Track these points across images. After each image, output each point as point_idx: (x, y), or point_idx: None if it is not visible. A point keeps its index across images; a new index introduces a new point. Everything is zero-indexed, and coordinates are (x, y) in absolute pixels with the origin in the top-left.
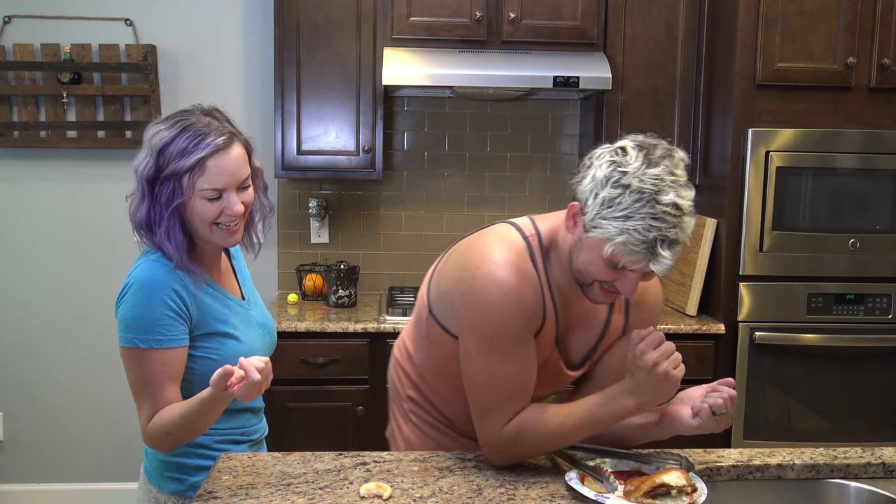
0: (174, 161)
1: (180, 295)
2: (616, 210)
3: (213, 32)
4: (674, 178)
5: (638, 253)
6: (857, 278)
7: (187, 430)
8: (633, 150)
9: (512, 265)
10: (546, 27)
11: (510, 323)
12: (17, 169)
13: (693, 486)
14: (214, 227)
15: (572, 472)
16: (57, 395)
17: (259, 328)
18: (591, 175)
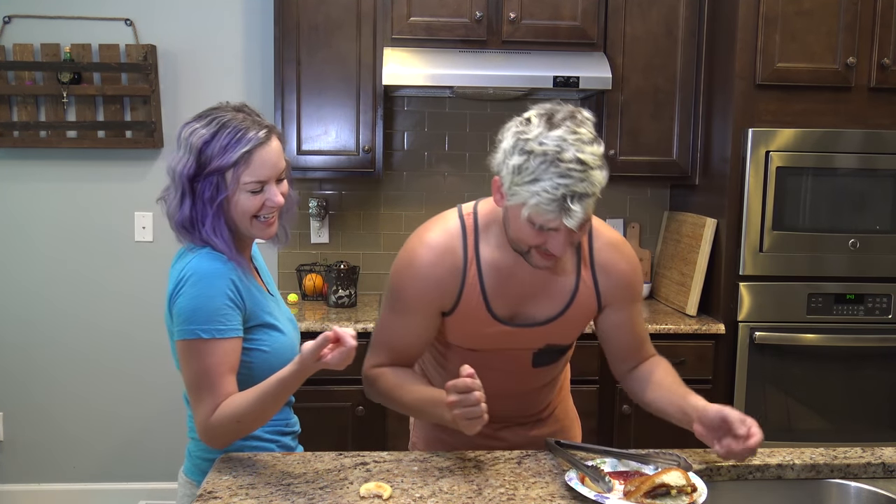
0: (217, 157)
1: (236, 285)
2: (525, 176)
3: (213, 32)
4: (576, 136)
5: (551, 211)
6: (857, 278)
7: (260, 415)
8: (535, 118)
9: (434, 247)
10: (546, 27)
11: (404, 290)
12: (17, 169)
13: (693, 486)
14: (254, 220)
15: (572, 473)
16: (57, 395)
17: (290, 322)
18: (502, 148)
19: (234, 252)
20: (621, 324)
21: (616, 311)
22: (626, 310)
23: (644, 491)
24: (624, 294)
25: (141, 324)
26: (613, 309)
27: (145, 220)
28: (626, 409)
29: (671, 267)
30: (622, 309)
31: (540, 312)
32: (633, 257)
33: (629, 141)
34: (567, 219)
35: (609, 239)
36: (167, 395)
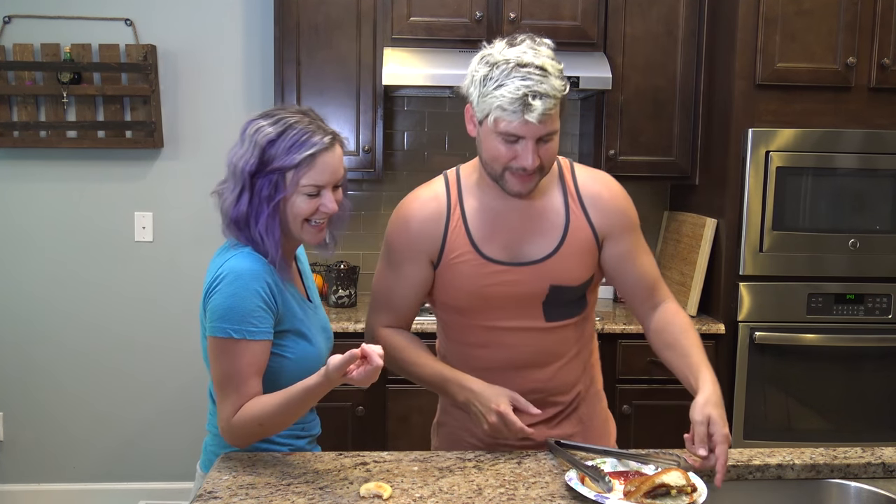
0: (281, 157)
1: (271, 288)
2: (490, 84)
3: (213, 32)
4: (535, 51)
5: (515, 112)
6: (857, 278)
7: (282, 420)
8: (497, 42)
9: (418, 198)
10: (546, 27)
11: (393, 243)
12: (17, 169)
13: (693, 486)
14: (305, 225)
15: (572, 472)
16: (57, 395)
17: (322, 332)
18: (469, 72)
19: (279, 254)
20: (624, 255)
21: (615, 242)
22: (624, 239)
23: (644, 491)
24: (618, 222)
25: (141, 324)
26: (612, 241)
27: (145, 220)
28: (627, 409)
29: (671, 267)
30: (620, 239)
31: (536, 250)
32: (619, 186)
33: (629, 141)
34: (528, 114)
35: (592, 172)
36: (167, 395)
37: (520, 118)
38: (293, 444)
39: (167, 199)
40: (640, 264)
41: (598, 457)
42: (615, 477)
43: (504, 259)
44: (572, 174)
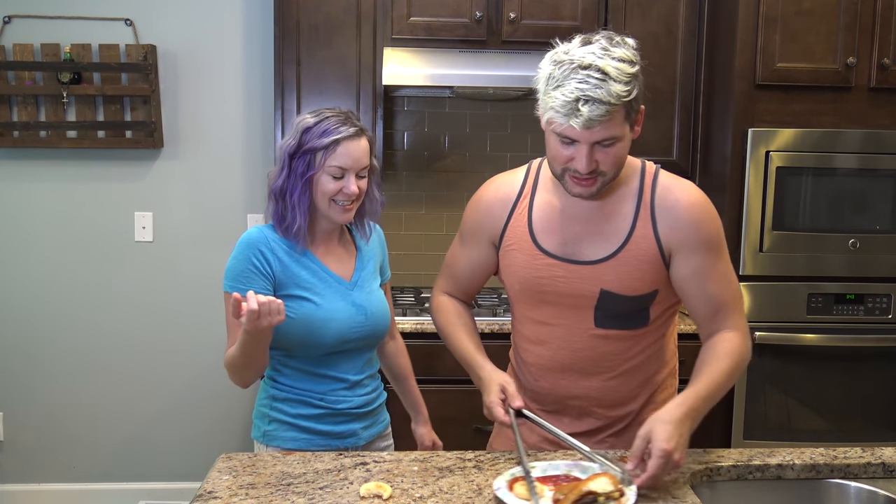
0: (314, 139)
1: (265, 255)
2: (552, 84)
3: (213, 32)
4: (605, 51)
5: (565, 115)
6: (857, 278)
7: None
8: (576, 38)
9: (495, 181)
10: (546, 27)
11: (465, 219)
12: (17, 169)
13: (621, 491)
14: (332, 203)
15: (500, 480)
16: (57, 395)
17: (354, 307)
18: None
19: (306, 224)
20: (690, 275)
21: (684, 259)
22: (694, 258)
23: (572, 500)
24: (689, 238)
25: (141, 324)
26: (681, 257)
27: (145, 220)
28: None
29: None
30: (690, 256)
31: (592, 252)
32: (701, 199)
33: None
34: (574, 119)
35: (675, 182)
36: (167, 395)
37: (567, 123)
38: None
39: (167, 199)
40: (707, 286)
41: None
42: (546, 482)
43: (558, 254)
44: (653, 182)
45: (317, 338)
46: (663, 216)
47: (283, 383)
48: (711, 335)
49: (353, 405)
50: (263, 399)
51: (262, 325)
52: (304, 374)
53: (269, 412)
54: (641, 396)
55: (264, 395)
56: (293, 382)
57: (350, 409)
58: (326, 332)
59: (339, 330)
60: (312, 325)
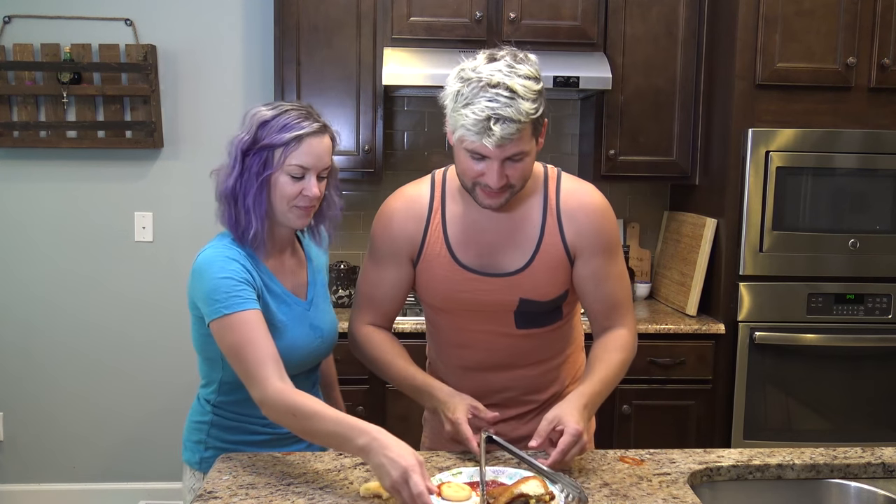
0: (273, 134)
1: (246, 267)
2: (460, 101)
3: (213, 32)
4: (511, 69)
5: (476, 133)
6: (857, 278)
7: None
8: (480, 55)
9: (397, 198)
10: (546, 27)
11: (377, 239)
12: (17, 169)
13: (551, 495)
14: (291, 207)
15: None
16: (57, 395)
17: (311, 330)
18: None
19: (263, 231)
20: (590, 275)
21: (585, 261)
22: (594, 260)
23: (503, 503)
24: (591, 242)
25: (141, 324)
26: (583, 259)
27: (145, 220)
28: (626, 409)
29: (671, 267)
30: (590, 259)
31: (508, 262)
32: (602, 204)
33: (629, 141)
34: (486, 139)
35: (577, 187)
36: (167, 394)
37: (480, 141)
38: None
39: (167, 199)
40: (603, 287)
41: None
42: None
43: (477, 268)
44: (557, 187)
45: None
46: (569, 222)
47: (225, 409)
48: (605, 331)
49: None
50: (198, 422)
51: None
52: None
53: (205, 438)
54: (563, 377)
55: (199, 418)
56: (236, 409)
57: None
58: (287, 362)
59: (299, 358)
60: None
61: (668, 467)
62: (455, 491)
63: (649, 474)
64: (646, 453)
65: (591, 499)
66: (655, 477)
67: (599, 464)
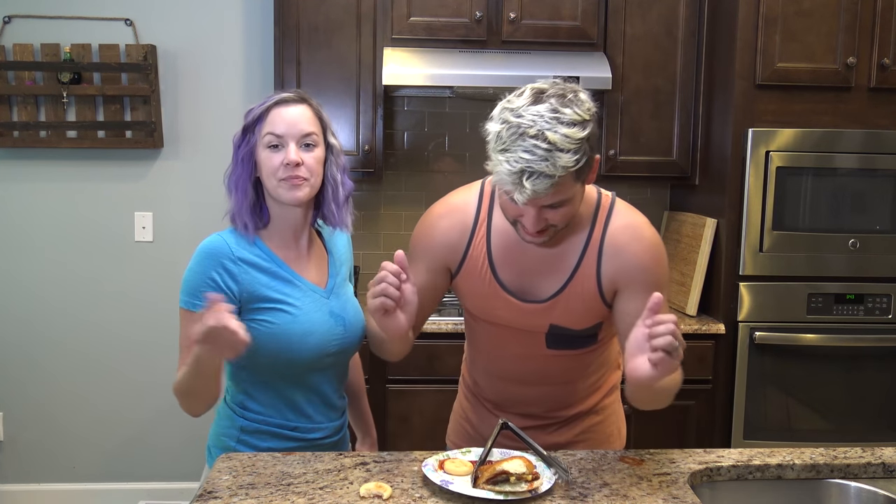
0: (249, 115)
1: (228, 270)
2: (499, 144)
3: (213, 32)
4: (555, 115)
5: (508, 184)
6: (857, 278)
7: (184, 386)
8: (527, 91)
9: (446, 203)
10: (546, 27)
11: (417, 243)
12: (17, 169)
13: (535, 475)
14: (280, 182)
15: (431, 459)
16: (57, 395)
17: (331, 317)
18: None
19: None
20: (632, 312)
21: (628, 298)
22: (639, 299)
23: (486, 478)
24: (635, 280)
25: (141, 324)
26: (625, 296)
27: (145, 220)
28: (626, 409)
29: (671, 267)
30: (634, 297)
31: (544, 289)
32: (653, 242)
33: (629, 141)
34: (518, 194)
35: (628, 221)
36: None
37: (513, 193)
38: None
39: (167, 199)
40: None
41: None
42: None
43: (514, 290)
44: (606, 219)
45: (294, 353)
46: (610, 258)
47: (255, 411)
48: None
49: (327, 433)
50: (228, 429)
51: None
52: (278, 400)
53: (234, 445)
54: (593, 397)
55: (229, 425)
56: (265, 410)
57: (322, 440)
58: (305, 346)
59: (317, 343)
60: (290, 339)
61: (668, 467)
62: (456, 466)
63: (649, 474)
64: (646, 453)
65: (591, 498)
66: (655, 477)
67: (599, 464)
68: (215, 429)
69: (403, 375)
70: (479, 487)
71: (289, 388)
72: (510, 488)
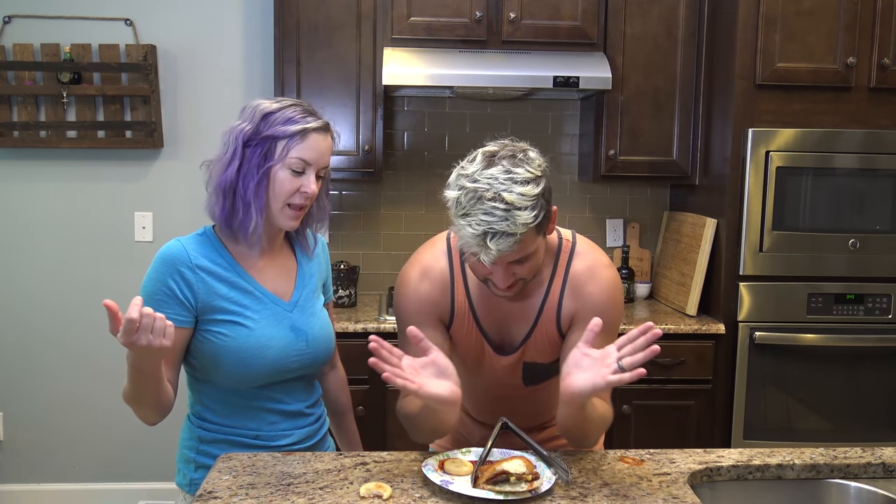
0: (277, 125)
1: (185, 278)
2: (459, 209)
3: (213, 32)
4: (509, 175)
5: (473, 246)
6: (857, 278)
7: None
8: (479, 155)
9: (419, 264)
10: (546, 27)
11: (403, 309)
12: (17, 169)
13: (535, 475)
14: (285, 207)
15: (430, 460)
16: (57, 395)
17: (292, 331)
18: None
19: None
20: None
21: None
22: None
23: (486, 478)
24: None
25: None
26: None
27: (145, 220)
28: (626, 409)
29: (671, 267)
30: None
31: (515, 335)
32: (611, 285)
33: (629, 141)
34: (483, 255)
35: (590, 262)
36: None
37: (479, 254)
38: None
39: (167, 199)
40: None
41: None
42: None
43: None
44: (568, 261)
45: (250, 367)
46: (570, 298)
47: (212, 421)
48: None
49: (294, 440)
50: (188, 440)
51: (140, 342)
52: (236, 409)
53: (195, 457)
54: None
55: (189, 436)
56: (223, 420)
57: (289, 445)
58: (261, 361)
59: (275, 358)
60: (245, 353)
61: (668, 467)
62: (456, 466)
63: (649, 474)
64: (646, 453)
65: (591, 499)
66: (655, 477)
67: (599, 464)
68: (179, 441)
69: None
70: (479, 487)
71: (247, 399)
72: (510, 488)
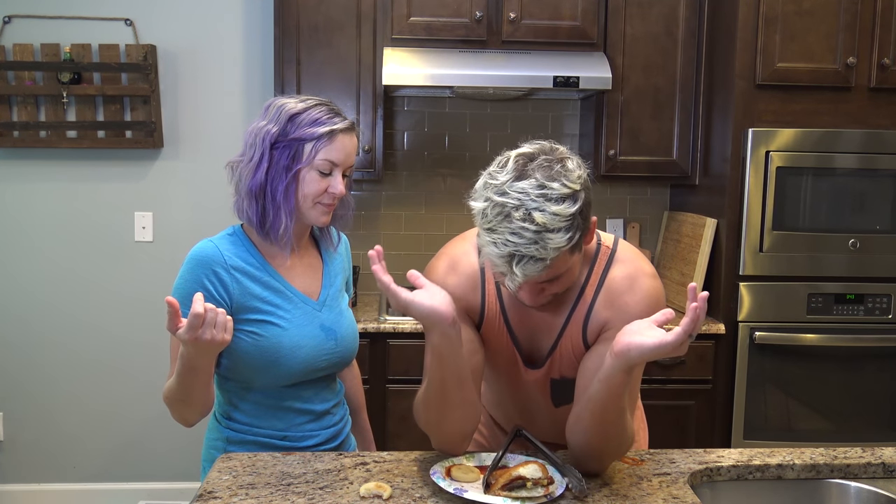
0: (304, 127)
1: (220, 278)
2: (484, 222)
3: (213, 32)
4: (542, 191)
5: (499, 266)
6: (857, 278)
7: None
8: (511, 162)
9: (447, 257)
10: (546, 27)
11: None
12: (17, 169)
13: (550, 479)
14: (315, 205)
15: (437, 467)
16: (57, 395)
17: (322, 331)
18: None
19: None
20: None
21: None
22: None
23: (502, 484)
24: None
25: (141, 324)
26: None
27: (145, 220)
28: None
29: (671, 267)
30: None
31: (544, 343)
32: (653, 297)
33: (629, 141)
34: (509, 281)
35: (631, 270)
36: None
37: (504, 276)
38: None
39: (167, 199)
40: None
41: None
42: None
43: (525, 350)
44: (606, 267)
45: (283, 366)
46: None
47: (240, 421)
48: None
49: (320, 440)
50: (215, 440)
51: (204, 337)
52: (264, 409)
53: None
54: None
55: (216, 436)
56: (251, 420)
57: (316, 446)
58: (293, 360)
59: (307, 357)
60: (279, 352)
61: (668, 467)
62: (464, 472)
63: (649, 474)
64: (646, 453)
65: (591, 498)
66: (655, 477)
67: None
68: (205, 441)
69: (403, 375)
70: (494, 494)
71: (276, 399)
72: (526, 493)
